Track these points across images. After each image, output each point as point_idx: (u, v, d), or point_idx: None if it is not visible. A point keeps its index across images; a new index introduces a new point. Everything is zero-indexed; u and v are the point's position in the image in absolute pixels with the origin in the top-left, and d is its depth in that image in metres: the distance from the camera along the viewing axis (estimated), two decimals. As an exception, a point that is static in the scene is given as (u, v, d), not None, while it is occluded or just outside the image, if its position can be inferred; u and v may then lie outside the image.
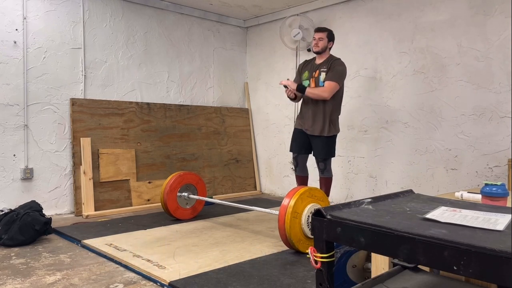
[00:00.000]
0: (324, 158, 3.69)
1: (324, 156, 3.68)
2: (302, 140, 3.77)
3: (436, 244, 0.90)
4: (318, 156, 3.70)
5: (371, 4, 4.43)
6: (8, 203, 3.82)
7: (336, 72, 3.58)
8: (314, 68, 3.72)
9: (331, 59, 3.67)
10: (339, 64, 3.63)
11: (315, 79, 3.66)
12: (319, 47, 3.66)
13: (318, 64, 3.70)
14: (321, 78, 3.62)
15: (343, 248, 1.72)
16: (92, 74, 4.39)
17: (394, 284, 1.31)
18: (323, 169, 3.73)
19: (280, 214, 2.83)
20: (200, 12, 5.27)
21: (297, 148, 3.81)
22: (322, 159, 3.69)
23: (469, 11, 3.70)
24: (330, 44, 3.71)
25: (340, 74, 3.61)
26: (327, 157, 3.70)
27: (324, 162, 3.70)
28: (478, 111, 3.66)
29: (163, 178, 4.69)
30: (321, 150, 3.67)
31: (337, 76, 3.58)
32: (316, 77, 3.66)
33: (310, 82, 3.70)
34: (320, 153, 3.68)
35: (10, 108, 3.88)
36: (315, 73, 3.67)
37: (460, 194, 2.30)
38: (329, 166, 3.74)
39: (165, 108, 4.91)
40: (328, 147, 3.68)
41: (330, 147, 3.70)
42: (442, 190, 3.86)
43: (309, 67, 3.78)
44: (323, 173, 3.75)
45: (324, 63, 3.67)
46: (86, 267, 2.62)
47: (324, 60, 3.69)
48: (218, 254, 2.86)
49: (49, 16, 4.10)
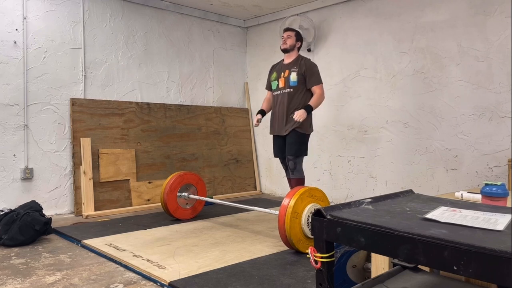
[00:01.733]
0: (294, 155, 3.57)
1: (294, 153, 3.57)
2: (281, 143, 3.70)
3: (436, 244, 0.90)
4: (288, 154, 3.60)
5: (371, 4, 4.43)
6: (8, 203, 3.82)
7: (317, 75, 3.60)
8: (282, 68, 3.70)
9: (300, 59, 3.66)
10: (314, 65, 3.63)
11: (285, 78, 3.63)
12: (287, 44, 3.66)
13: (287, 64, 3.68)
14: (291, 78, 3.59)
15: (343, 248, 1.72)
16: (92, 74, 4.39)
17: (394, 284, 1.31)
18: (293, 168, 3.61)
19: (280, 214, 2.83)
20: (200, 12, 5.27)
21: (279, 153, 3.75)
22: (292, 156, 3.57)
23: (469, 11, 3.70)
24: (298, 44, 3.70)
25: (318, 75, 3.62)
26: (298, 155, 3.58)
27: (294, 161, 3.58)
28: (478, 111, 3.66)
29: (163, 178, 4.69)
30: (291, 147, 3.57)
31: (318, 77, 3.60)
32: (286, 77, 3.63)
33: (278, 82, 3.68)
34: (290, 150, 3.58)
35: (10, 108, 3.88)
36: (284, 73, 3.65)
37: (460, 194, 2.30)
38: (299, 166, 3.62)
39: (165, 108, 4.91)
40: (298, 144, 3.57)
41: (301, 145, 3.59)
42: (442, 190, 3.86)
43: (277, 69, 3.78)
44: (293, 173, 3.63)
45: (293, 63, 3.65)
46: (86, 267, 2.62)
47: (293, 60, 3.67)
48: (218, 254, 2.86)
49: (49, 16, 4.10)
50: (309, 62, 3.65)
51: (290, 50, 3.69)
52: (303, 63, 3.62)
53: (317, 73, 3.61)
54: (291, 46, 3.68)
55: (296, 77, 3.58)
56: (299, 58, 3.68)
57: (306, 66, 3.59)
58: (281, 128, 3.66)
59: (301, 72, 3.58)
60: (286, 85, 3.63)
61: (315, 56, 4.97)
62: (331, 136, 4.81)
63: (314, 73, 3.59)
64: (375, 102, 4.40)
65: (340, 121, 4.72)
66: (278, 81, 3.70)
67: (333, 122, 4.79)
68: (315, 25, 4.86)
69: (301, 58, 3.68)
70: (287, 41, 3.66)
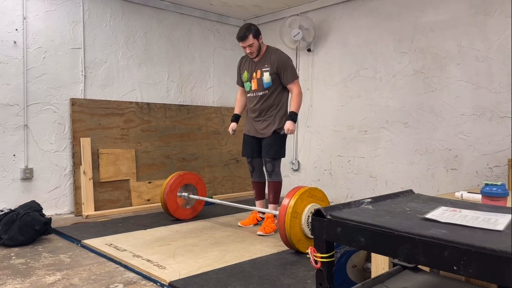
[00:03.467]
0: (272, 157, 3.41)
1: (272, 156, 3.40)
2: (254, 144, 3.56)
3: (436, 244, 0.90)
4: (266, 156, 3.43)
5: (371, 4, 4.43)
6: (8, 203, 3.82)
7: (291, 70, 3.37)
8: (253, 67, 3.46)
9: (270, 53, 3.40)
10: (285, 59, 3.38)
11: (257, 80, 3.42)
12: (254, 53, 3.39)
13: (257, 62, 3.44)
14: (264, 79, 3.39)
15: (343, 248, 1.72)
16: (92, 74, 4.39)
17: (394, 284, 1.31)
18: (271, 171, 3.45)
19: (280, 214, 2.83)
20: (200, 12, 5.27)
21: (249, 152, 3.59)
22: (271, 158, 3.41)
23: (469, 11, 3.70)
24: (260, 40, 3.40)
25: (293, 69, 3.42)
26: (276, 157, 3.43)
27: (272, 163, 3.43)
28: (478, 111, 3.66)
29: (163, 178, 4.69)
30: (269, 149, 3.39)
31: (293, 72, 3.39)
32: (258, 78, 3.42)
33: (251, 84, 3.47)
34: (269, 152, 3.40)
35: (10, 108, 3.88)
36: (256, 73, 3.43)
37: (460, 194, 2.30)
38: (278, 168, 3.48)
39: (165, 108, 4.91)
40: (278, 146, 3.41)
41: (280, 146, 3.43)
42: (442, 190, 3.86)
43: (247, 66, 3.52)
44: (271, 177, 3.47)
45: (263, 60, 3.41)
46: (86, 267, 2.62)
47: (262, 56, 3.43)
48: (218, 254, 2.86)
49: (49, 16, 4.10)
50: (279, 56, 3.38)
51: (259, 53, 3.43)
52: (274, 58, 3.37)
53: (291, 67, 3.39)
54: (258, 51, 3.40)
55: (269, 78, 3.37)
56: (268, 52, 3.42)
57: (278, 62, 3.35)
58: (257, 131, 3.52)
59: (273, 70, 3.36)
60: (260, 87, 3.42)
61: (315, 56, 4.97)
62: (331, 136, 4.81)
63: (287, 69, 3.35)
64: (375, 102, 4.40)
65: (340, 121, 4.72)
66: (251, 82, 3.47)
67: (333, 122, 4.79)
68: (315, 25, 4.86)
69: (270, 52, 3.42)
70: (252, 50, 3.36)
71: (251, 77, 3.47)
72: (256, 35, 3.35)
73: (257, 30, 3.38)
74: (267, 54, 3.42)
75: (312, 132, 5.02)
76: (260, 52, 3.43)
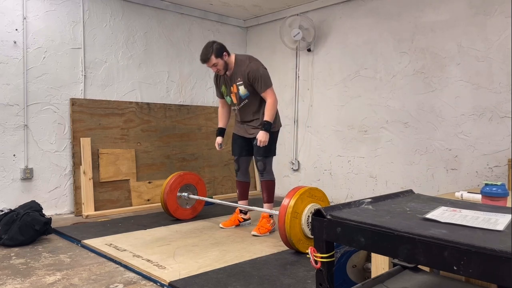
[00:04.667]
0: (263, 155, 3.38)
1: (263, 154, 3.38)
2: (243, 143, 3.56)
3: (436, 244, 0.90)
4: (257, 154, 3.41)
5: (371, 4, 4.43)
6: (8, 203, 3.82)
7: (262, 79, 3.29)
8: (228, 82, 3.43)
9: (239, 66, 3.33)
10: (256, 68, 3.30)
11: (235, 94, 3.41)
12: (221, 70, 3.34)
13: (230, 77, 3.40)
14: (241, 92, 3.36)
15: (343, 248, 1.72)
16: (92, 74, 4.39)
17: (394, 284, 1.31)
18: (262, 170, 3.43)
19: (280, 214, 2.83)
20: (200, 12, 5.27)
21: (237, 150, 3.59)
22: (261, 157, 3.38)
23: (469, 11, 3.70)
24: (225, 57, 3.31)
25: (265, 76, 3.31)
26: (267, 155, 3.40)
27: (263, 162, 3.41)
28: (478, 111, 3.66)
29: (163, 178, 4.69)
30: (260, 148, 3.36)
31: (266, 80, 3.30)
32: (236, 92, 3.40)
33: (231, 99, 3.46)
34: (259, 150, 3.37)
35: (10, 108, 3.88)
36: (232, 88, 3.41)
37: (460, 194, 2.30)
38: (269, 166, 3.45)
39: (165, 108, 4.91)
40: (268, 144, 3.36)
41: (271, 144, 3.39)
42: (442, 190, 3.86)
43: (223, 80, 3.49)
44: (263, 175, 3.45)
45: (235, 74, 3.37)
46: (86, 267, 2.62)
47: (234, 71, 3.37)
48: (218, 254, 2.86)
49: (49, 16, 4.10)
50: (249, 67, 3.30)
51: (227, 68, 3.37)
52: (244, 70, 3.30)
53: (262, 76, 3.29)
54: (225, 67, 3.35)
55: (245, 90, 3.35)
56: (237, 64, 3.35)
57: (248, 74, 3.29)
58: (246, 131, 3.51)
59: (247, 82, 3.32)
60: (239, 100, 3.42)
61: (315, 56, 4.98)
62: (331, 136, 4.81)
63: (259, 78, 3.28)
64: (375, 102, 4.40)
65: (340, 121, 4.72)
66: (230, 97, 3.46)
67: (333, 122, 4.79)
68: (315, 25, 4.86)
69: (239, 64, 3.34)
70: (218, 68, 3.32)
71: (230, 91, 3.46)
72: (218, 54, 3.27)
73: (219, 48, 3.29)
74: (237, 67, 3.35)
75: (312, 132, 5.03)
76: (229, 66, 3.37)
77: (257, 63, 3.38)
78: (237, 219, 3.69)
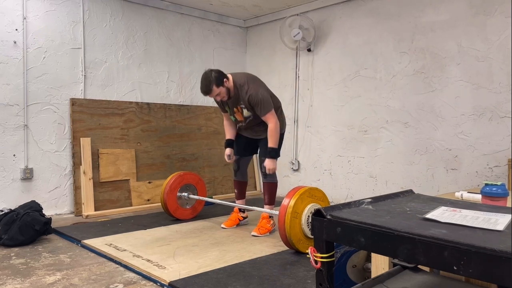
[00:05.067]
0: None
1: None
2: (247, 143, 3.57)
3: (436, 244, 0.90)
4: (263, 155, 3.40)
5: (371, 4, 4.43)
6: (8, 203, 3.82)
7: (262, 104, 3.24)
8: (231, 104, 3.41)
9: (240, 90, 3.29)
10: (254, 94, 3.24)
11: (240, 113, 3.41)
12: (225, 97, 3.29)
13: (233, 101, 3.37)
14: (244, 114, 3.38)
15: (343, 248, 1.72)
16: (92, 74, 4.39)
17: (394, 284, 1.31)
18: (266, 172, 3.40)
19: (280, 214, 2.83)
20: (200, 12, 5.27)
21: (241, 150, 3.58)
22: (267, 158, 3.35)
23: (469, 11, 3.70)
24: (226, 83, 3.25)
25: (265, 101, 3.25)
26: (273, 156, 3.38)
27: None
28: (478, 111, 3.66)
29: (163, 178, 4.69)
30: (266, 148, 3.33)
31: (265, 105, 3.25)
32: (240, 112, 3.40)
33: (236, 117, 3.45)
34: (265, 151, 3.35)
35: (10, 108, 3.88)
36: (236, 109, 3.40)
37: (460, 194, 2.30)
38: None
39: (165, 108, 4.91)
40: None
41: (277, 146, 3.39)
42: (442, 190, 3.86)
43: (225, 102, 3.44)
44: (266, 178, 3.44)
45: (237, 99, 3.34)
46: (86, 267, 2.62)
47: (235, 95, 3.33)
48: (218, 254, 2.86)
49: (49, 16, 4.10)
50: (249, 91, 3.25)
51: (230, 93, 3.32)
52: (243, 96, 3.28)
53: (263, 101, 3.24)
54: (228, 93, 3.30)
55: (248, 112, 3.35)
56: (237, 87, 3.30)
57: (248, 100, 3.26)
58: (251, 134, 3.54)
59: (248, 106, 3.31)
60: (244, 119, 3.43)
61: (315, 56, 4.98)
62: (331, 136, 4.81)
63: (258, 104, 3.24)
64: (375, 102, 4.40)
65: (340, 121, 4.72)
66: (235, 116, 3.46)
67: (333, 122, 4.79)
68: (315, 25, 4.86)
69: (240, 88, 3.29)
70: (222, 95, 3.27)
71: (233, 112, 3.45)
72: (219, 83, 3.20)
73: (218, 76, 3.20)
74: (237, 90, 3.31)
75: (312, 132, 5.02)
76: (231, 91, 3.32)
77: (255, 86, 3.30)
78: (237, 218, 3.69)
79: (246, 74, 3.45)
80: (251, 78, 3.40)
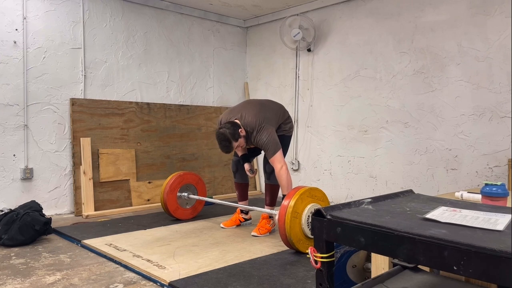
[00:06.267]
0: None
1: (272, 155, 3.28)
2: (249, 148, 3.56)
3: (436, 244, 0.90)
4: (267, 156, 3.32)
5: (371, 4, 4.43)
6: (8, 203, 3.82)
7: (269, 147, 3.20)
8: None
9: (250, 136, 3.27)
10: (263, 141, 3.21)
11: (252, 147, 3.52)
12: (245, 143, 3.28)
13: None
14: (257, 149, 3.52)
15: (343, 248, 1.72)
16: (92, 74, 4.39)
17: (394, 284, 1.31)
18: (270, 172, 3.38)
19: (280, 214, 2.83)
20: (200, 12, 5.27)
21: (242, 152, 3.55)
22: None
23: (469, 11, 3.70)
24: (241, 132, 3.21)
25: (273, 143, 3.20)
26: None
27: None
28: (478, 111, 3.66)
29: (163, 178, 4.69)
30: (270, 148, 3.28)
31: (273, 147, 3.20)
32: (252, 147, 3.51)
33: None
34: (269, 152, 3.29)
35: (10, 108, 3.88)
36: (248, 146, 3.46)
37: (460, 194, 2.30)
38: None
39: (165, 108, 4.91)
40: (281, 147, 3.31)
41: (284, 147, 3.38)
42: (442, 190, 3.86)
43: None
44: (270, 179, 3.43)
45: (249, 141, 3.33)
46: (86, 267, 2.62)
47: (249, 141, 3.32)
48: (218, 254, 2.86)
49: (49, 16, 4.10)
50: (257, 137, 3.23)
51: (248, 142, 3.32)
52: (253, 140, 3.28)
53: (269, 142, 3.19)
54: (246, 141, 3.27)
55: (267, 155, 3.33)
56: (248, 134, 3.27)
57: (258, 143, 3.26)
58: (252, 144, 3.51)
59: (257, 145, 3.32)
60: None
61: (315, 56, 4.98)
62: (331, 136, 4.81)
63: (265, 147, 3.23)
64: (375, 102, 4.40)
65: (340, 121, 4.72)
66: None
67: (333, 122, 4.79)
68: (315, 25, 4.86)
69: (249, 134, 3.27)
70: (241, 145, 3.26)
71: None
72: (236, 137, 3.17)
73: (233, 132, 3.15)
74: (250, 135, 3.28)
75: (312, 132, 5.03)
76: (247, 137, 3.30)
77: (263, 131, 3.23)
78: (238, 219, 3.69)
79: (255, 114, 3.29)
80: (255, 119, 3.26)
